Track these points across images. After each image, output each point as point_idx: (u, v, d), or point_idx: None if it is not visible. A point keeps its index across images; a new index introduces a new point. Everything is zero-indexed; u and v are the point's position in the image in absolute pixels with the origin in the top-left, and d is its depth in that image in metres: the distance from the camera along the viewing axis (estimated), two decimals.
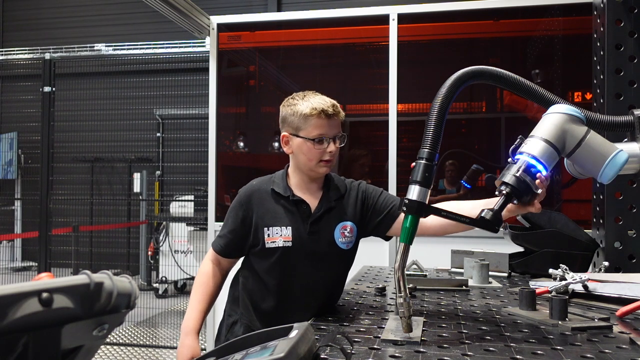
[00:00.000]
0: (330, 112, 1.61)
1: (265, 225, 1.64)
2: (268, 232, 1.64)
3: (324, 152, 1.62)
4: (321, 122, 1.61)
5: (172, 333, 4.97)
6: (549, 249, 2.08)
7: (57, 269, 5.68)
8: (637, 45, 2.04)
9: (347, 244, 1.68)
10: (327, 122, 1.62)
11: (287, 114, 1.66)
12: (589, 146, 1.27)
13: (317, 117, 1.60)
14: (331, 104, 1.63)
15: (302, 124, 1.62)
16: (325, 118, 1.61)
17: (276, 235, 1.63)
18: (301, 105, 1.63)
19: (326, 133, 1.62)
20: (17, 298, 0.49)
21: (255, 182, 1.75)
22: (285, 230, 1.63)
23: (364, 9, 3.56)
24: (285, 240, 1.62)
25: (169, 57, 6.05)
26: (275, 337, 0.89)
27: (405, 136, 3.39)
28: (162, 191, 6.98)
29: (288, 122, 1.66)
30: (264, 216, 1.65)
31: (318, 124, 1.61)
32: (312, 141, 1.61)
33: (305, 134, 1.62)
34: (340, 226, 1.68)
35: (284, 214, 1.65)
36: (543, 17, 3.42)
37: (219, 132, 3.60)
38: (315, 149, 1.61)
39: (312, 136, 1.61)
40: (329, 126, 1.62)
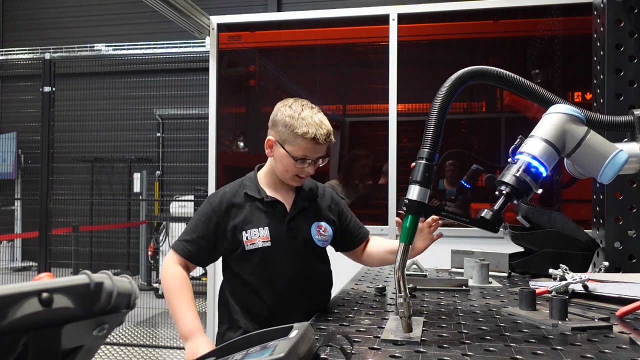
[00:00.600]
0: (320, 142, 1.61)
1: (242, 229, 1.65)
2: (246, 235, 1.64)
3: (302, 171, 1.65)
4: (310, 146, 1.61)
5: (172, 333, 4.97)
6: (549, 249, 2.08)
7: (57, 269, 5.68)
8: (637, 45, 2.04)
9: (324, 242, 1.74)
10: (314, 147, 1.62)
11: (279, 122, 1.65)
12: (589, 146, 1.27)
13: (308, 141, 1.60)
14: (325, 132, 1.62)
15: (291, 140, 1.62)
16: (314, 144, 1.61)
17: (254, 237, 1.64)
18: (299, 121, 1.61)
19: (310, 156, 1.63)
20: (17, 298, 0.49)
21: (227, 188, 1.76)
22: (263, 231, 1.65)
23: (364, 9, 3.56)
24: (264, 241, 1.65)
25: (169, 57, 6.05)
26: (275, 337, 0.89)
27: (405, 136, 3.39)
28: (162, 191, 6.98)
29: (277, 130, 1.65)
30: (240, 220, 1.66)
31: (306, 147, 1.61)
32: (294, 159, 1.62)
33: (291, 150, 1.62)
34: (316, 225, 1.74)
35: (259, 216, 1.67)
36: (543, 17, 3.42)
37: (219, 132, 3.60)
38: (295, 167, 1.63)
39: (295, 155, 1.62)
40: (315, 151, 1.63)
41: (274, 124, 1.67)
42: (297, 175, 1.66)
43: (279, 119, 1.65)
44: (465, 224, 1.26)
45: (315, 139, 1.59)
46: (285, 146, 1.63)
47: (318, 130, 1.60)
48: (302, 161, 1.62)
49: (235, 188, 1.74)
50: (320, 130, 1.60)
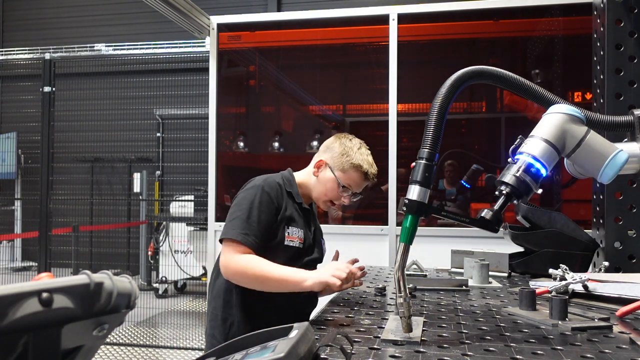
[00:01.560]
0: (370, 179, 1.75)
1: (288, 223, 1.70)
2: (288, 230, 1.70)
3: (339, 199, 1.75)
4: (358, 179, 1.74)
5: (172, 333, 4.97)
6: (549, 249, 2.08)
7: (57, 269, 5.68)
8: (637, 45, 2.04)
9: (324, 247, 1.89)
10: (361, 182, 1.75)
11: (338, 150, 1.75)
12: (589, 146, 1.27)
13: (360, 174, 1.73)
14: (375, 172, 1.76)
15: (346, 168, 1.73)
16: (363, 179, 1.74)
17: (294, 234, 1.71)
18: (356, 154, 1.74)
19: (353, 188, 1.74)
20: (17, 298, 0.49)
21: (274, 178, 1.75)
22: (300, 232, 1.73)
23: (364, 9, 3.56)
24: (300, 242, 1.72)
25: (169, 57, 6.05)
26: (275, 337, 0.89)
27: (405, 136, 3.39)
28: (162, 191, 6.98)
29: (333, 155, 1.75)
30: (288, 214, 1.71)
31: (355, 179, 1.73)
32: (339, 185, 1.72)
33: (339, 176, 1.73)
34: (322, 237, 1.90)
35: (298, 217, 1.75)
36: (543, 17, 3.42)
37: (219, 132, 3.60)
38: (337, 193, 1.74)
39: (343, 183, 1.73)
40: (359, 185, 1.75)
41: (330, 149, 1.78)
42: (332, 201, 1.76)
43: (337, 146, 1.77)
44: (465, 224, 1.26)
45: (366, 175, 1.73)
46: (335, 171, 1.73)
47: (370, 168, 1.74)
48: (345, 190, 1.73)
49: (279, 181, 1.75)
50: (372, 169, 1.75)
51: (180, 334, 4.92)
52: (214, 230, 3.50)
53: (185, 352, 4.44)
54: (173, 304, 6.15)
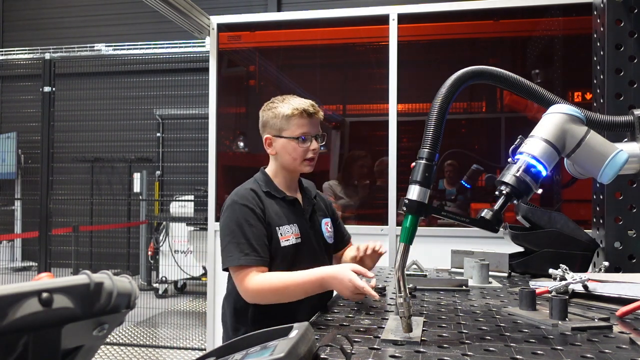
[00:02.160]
0: (311, 111, 1.70)
1: (277, 224, 1.67)
2: (280, 231, 1.67)
3: (308, 151, 1.71)
4: (303, 121, 1.69)
5: (172, 333, 4.97)
6: (549, 249, 2.08)
7: (57, 269, 5.68)
8: (637, 45, 2.04)
9: (330, 238, 1.83)
10: (308, 121, 1.70)
11: (268, 117, 1.74)
12: (589, 146, 1.27)
13: (299, 116, 1.68)
14: (310, 104, 1.71)
15: (285, 124, 1.70)
16: (307, 117, 1.69)
17: (288, 233, 1.68)
18: (282, 107, 1.70)
19: (309, 132, 1.71)
20: (17, 298, 0.49)
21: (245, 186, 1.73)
22: (294, 228, 1.70)
23: (364, 9, 3.56)
24: (296, 237, 1.70)
25: (169, 57, 6.05)
26: (275, 337, 0.89)
27: (405, 136, 3.39)
28: (162, 191, 6.98)
29: (270, 125, 1.74)
30: (273, 215, 1.68)
31: (300, 123, 1.69)
32: (296, 140, 1.69)
33: (289, 133, 1.70)
34: (324, 221, 1.83)
35: (286, 213, 1.71)
36: (543, 17, 3.42)
37: (219, 132, 3.60)
38: (300, 148, 1.69)
39: (296, 135, 1.69)
40: (311, 125, 1.71)
41: (265, 124, 1.77)
42: (306, 158, 1.71)
43: (267, 115, 1.75)
44: (465, 224, 1.26)
45: (305, 112, 1.69)
46: (282, 134, 1.70)
47: (303, 104, 1.70)
48: (304, 141, 1.69)
49: (253, 187, 1.72)
50: (305, 104, 1.70)
51: (180, 334, 4.92)
52: (214, 230, 3.50)
53: (185, 352, 4.44)
54: (173, 304, 6.15)
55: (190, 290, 6.74)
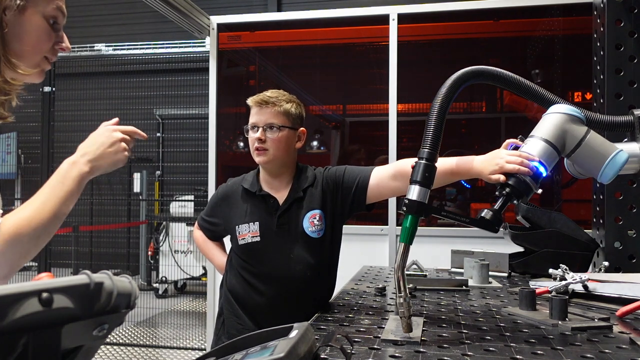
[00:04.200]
0: (259, 101, 1.71)
1: (236, 223, 1.74)
2: (238, 229, 1.73)
3: (254, 140, 1.71)
4: (253, 110, 1.74)
5: (172, 333, 4.97)
6: (549, 249, 2.08)
7: (57, 269, 5.68)
8: (637, 45, 2.04)
9: (318, 232, 1.73)
10: (257, 111, 1.73)
11: None
12: (589, 146, 1.27)
13: (252, 106, 1.74)
14: (268, 95, 1.72)
15: None
16: (256, 107, 1.73)
17: (245, 232, 1.72)
18: None
19: (256, 122, 1.72)
20: (17, 298, 0.49)
21: (229, 181, 1.89)
22: (253, 226, 1.72)
23: (364, 9, 3.56)
24: (253, 236, 1.71)
25: (169, 57, 6.05)
26: (275, 337, 0.89)
27: (405, 136, 3.39)
28: (162, 191, 6.98)
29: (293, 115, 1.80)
30: (234, 215, 1.76)
31: (252, 112, 1.74)
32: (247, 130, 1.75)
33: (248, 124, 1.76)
34: (309, 215, 1.73)
35: (252, 210, 1.74)
36: (543, 17, 3.42)
37: (219, 132, 3.60)
38: (249, 138, 1.74)
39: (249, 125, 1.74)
40: (258, 114, 1.72)
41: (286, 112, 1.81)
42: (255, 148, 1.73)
43: None
44: (465, 224, 1.26)
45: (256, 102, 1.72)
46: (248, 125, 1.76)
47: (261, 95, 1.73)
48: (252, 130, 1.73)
49: (236, 183, 1.83)
50: (264, 95, 1.73)
51: (180, 334, 4.92)
52: None
53: (185, 352, 4.44)
54: (173, 304, 6.15)
55: (190, 290, 6.74)
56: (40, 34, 1.09)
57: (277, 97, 1.73)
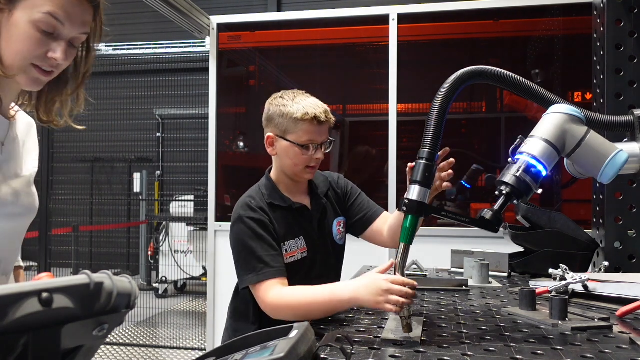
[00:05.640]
0: (322, 119, 1.55)
1: (282, 239, 1.56)
2: (285, 247, 1.56)
3: (311, 159, 1.58)
4: (312, 128, 1.54)
5: (172, 333, 4.97)
6: (549, 249, 2.08)
7: (57, 269, 5.68)
8: (637, 45, 2.04)
9: (342, 239, 1.72)
10: (317, 129, 1.55)
11: (275, 114, 1.59)
12: (589, 146, 1.27)
13: (309, 122, 1.54)
14: (323, 110, 1.57)
15: (292, 127, 1.55)
16: (317, 124, 1.55)
17: (293, 249, 1.58)
18: (292, 107, 1.55)
19: (315, 140, 1.56)
20: (17, 298, 0.49)
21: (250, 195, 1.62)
22: (300, 242, 1.59)
23: (364, 9, 3.56)
24: (302, 252, 1.59)
25: (169, 57, 6.05)
26: (275, 337, 0.89)
27: (405, 136, 3.39)
28: (162, 191, 6.99)
29: (275, 123, 1.59)
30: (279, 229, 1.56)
31: (309, 130, 1.54)
32: (300, 147, 1.56)
33: (294, 138, 1.56)
34: (336, 222, 1.70)
35: (292, 225, 1.59)
36: (543, 17, 3.42)
37: (219, 132, 3.60)
38: (303, 155, 1.56)
39: (301, 142, 1.55)
40: (319, 133, 1.57)
41: (270, 120, 1.61)
42: (308, 165, 1.58)
43: (273, 111, 1.59)
44: (465, 224, 1.26)
45: (316, 118, 1.53)
46: (287, 136, 1.56)
47: (316, 109, 1.55)
48: (308, 148, 1.56)
49: (257, 199, 1.59)
50: (319, 110, 1.55)
51: (180, 334, 4.92)
52: (214, 230, 3.50)
53: (185, 352, 4.44)
54: (173, 304, 6.15)
55: (190, 290, 6.74)
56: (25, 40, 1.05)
57: (327, 110, 1.59)
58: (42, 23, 1.05)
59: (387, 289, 1.21)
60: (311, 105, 1.56)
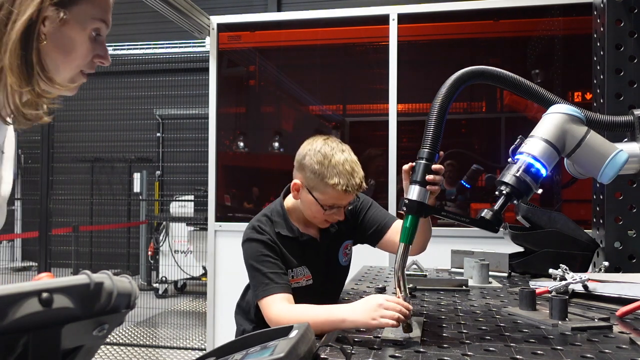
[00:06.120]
0: (352, 192, 1.51)
1: (289, 266, 1.58)
2: (292, 273, 1.59)
3: (331, 217, 1.57)
4: (341, 196, 1.51)
5: (172, 333, 4.97)
6: (549, 249, 2.08)
7: (57, 269, 5.68)
8: (637, 45, 2.04)
9: (347, 261, 1.76)
10: (345, 197, 1.52)
11: (308, 168, 1.53)
12: (589, 146, 1.27)
13: (339, 191, 1.49)
14: (358, 182, 1.51)
15: (321, 188, 1.51)
16: (346, 194, 1.51)
17: (299, 276, 1.61)
18: (327, 170, 1.50)
19: (340, 205, 1.55)
20: (17, 298, 0.49)
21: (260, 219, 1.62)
22: (306, 270, 1.62)
23: (364, 9, 3.56)
24: (307, 280, 1.62)
25: (169, 57, 6.05)
26: (275, 337, 0.89)
27: (405, 136, 3.39)
28: (162, 191, 6.99)
29: (306, 176, 1.54)
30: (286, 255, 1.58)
31: (336, 197, 1.51)
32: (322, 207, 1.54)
33: (320, 198, 1.52)
34: (343, 246, 1.72)
35: (298, 254, 1.61)
36: (543, 17, 3.42)
37: (219, 132, 3.60)
38: (324, 213, 1.55)
39: (325, 204, 1.53)
40: (346, 199, 1.54)
41: (302, 168, 1.56)
42: (326, 220, 1.58)
43: (307, 163, 1.54)
44: (465, 224, 1.27)
45: (346, 190, 1.49)
46: (313, 193, 1.53)
47: (350, 180, 1.49)
48: (331, 208, 1.54)
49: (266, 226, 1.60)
50: (352, 181, 1.50)
51: (180, 334, 4.92)
52: (214, 230, 3.49)
53: (185, 352, 4.44)
54: (173, 304, 6.15)
55: (190, 290, 6.74)
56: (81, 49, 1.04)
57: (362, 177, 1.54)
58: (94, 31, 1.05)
59: (380, 304, 1.22)
60: (347, 174, 1.50)
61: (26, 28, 0.96)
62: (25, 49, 0.97)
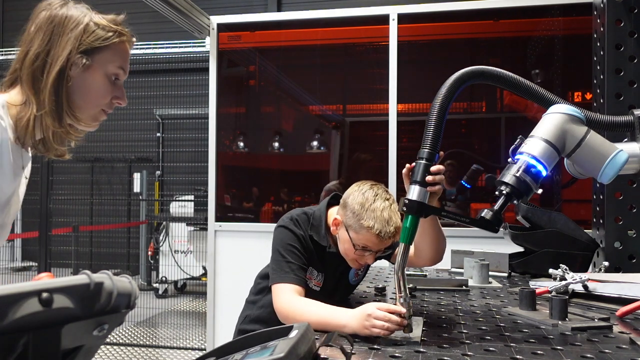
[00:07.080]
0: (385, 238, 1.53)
1: (310, 264, 1.63)
2: (309, 271, 1.63)
3: (361, 258, 1.59)
4: (374, 239, 1.54)
5: (172, 333, 4.97)
6: (549, 249, 2.08)
7: (57, 269, 5.68)
8: (637, 45, 2.04)
9: (357, 280, 1.78)
10: (378, 241, 1.55)
11: (350, 207, 1.57)
12: (589, 146, 1.27)
13: (372, 234, 1.52)
14: (392, 231, 1.53)
15: (357, 228, 1.54)
16: (378, 239, 1.53)
17: (314, 277, 1.65)
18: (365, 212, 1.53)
19: (372, 248, 1.57)
20: (17, 298, 0.49)
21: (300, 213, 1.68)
22: (320, 276, 1.66)
23: (364, 9, 3.56)
24: (316, 285, 1.66)
25: (169, 57, 6.05)
26: (275, 337, 0.89)
27: (405, 136, 3.39)
28: (162, 191, 6.99)
29: (347, 214, 1.58)
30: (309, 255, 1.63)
31: (369, 239, 1.54)
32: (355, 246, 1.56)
33: (354, 237, 1.56)
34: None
35: (318, 262, 1.65)
36: (543, 17, 3.42)
37: (219, 132, 3.60)
38: (355, 254, 1.58)
39: (357, 244, 1.56)
40: (379, 245, 1.56)
41: (344, 205, 1.61)
42: (356, 260, 1.61)
43: (350, 203, 1.58)
44: (465, 224, 1.26)
45: (379, 235, 1.52)
46: (349, 231, 1.56)
47: (384, 227, 1.52)
48: (363, 250, 1.57)
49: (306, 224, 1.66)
50: (387, 228, 1.52)
51: (180, 334, 4.92)
52: (214, 230, 3.49)
53: (185, 352, 4.44)
54: (173, 304, 6.15)
55: (190, 290, 6.74)
56: (101, 90, 1.22)
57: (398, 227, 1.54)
58: (114, 75, 1.23)
59: (369, 314, 1.24)
60: (383, 221, 1.53)
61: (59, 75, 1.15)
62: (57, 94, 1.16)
